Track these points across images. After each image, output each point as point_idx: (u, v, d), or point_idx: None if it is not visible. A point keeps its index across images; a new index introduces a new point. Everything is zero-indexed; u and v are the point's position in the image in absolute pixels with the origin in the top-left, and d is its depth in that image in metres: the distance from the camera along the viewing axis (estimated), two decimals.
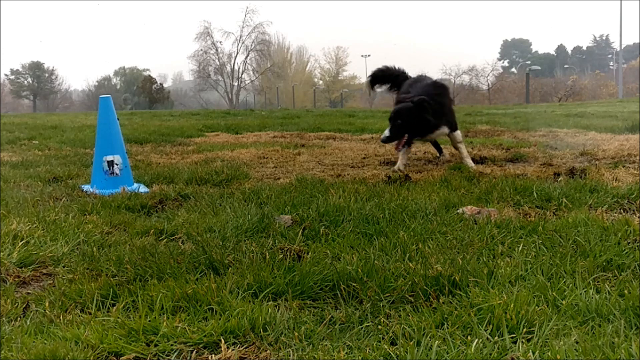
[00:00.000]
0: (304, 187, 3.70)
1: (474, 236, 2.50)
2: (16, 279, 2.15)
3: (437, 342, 1.56)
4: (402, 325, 1.67)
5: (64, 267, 2.28)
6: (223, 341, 1.62)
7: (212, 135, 9.33)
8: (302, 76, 64.13)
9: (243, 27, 56.49)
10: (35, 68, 61.48)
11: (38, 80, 61.53)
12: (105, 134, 3.99)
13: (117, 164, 3.94)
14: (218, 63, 57.48)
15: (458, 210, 2.98)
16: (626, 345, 1.52)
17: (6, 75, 61.52)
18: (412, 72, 5.74)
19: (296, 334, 1.64)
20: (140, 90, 57.51)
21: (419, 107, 4.63)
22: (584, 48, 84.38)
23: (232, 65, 57.97)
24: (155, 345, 1.61)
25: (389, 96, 5.40)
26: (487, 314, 1.70)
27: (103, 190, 3.80)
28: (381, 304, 1.83)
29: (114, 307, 1.83)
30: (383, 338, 1.63)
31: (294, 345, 1.60)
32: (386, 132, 4.75)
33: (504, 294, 1.82)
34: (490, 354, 1.52)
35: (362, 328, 1.69)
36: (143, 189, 3.91)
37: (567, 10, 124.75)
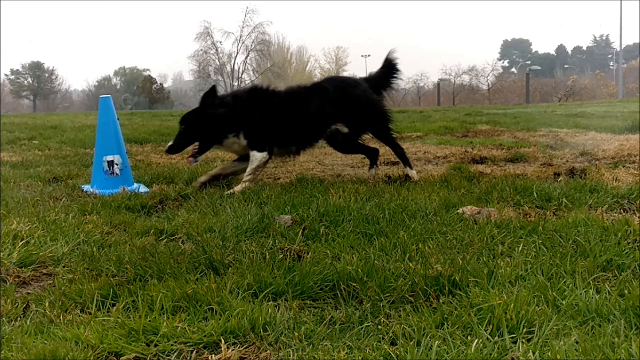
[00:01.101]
0: (304, 187, 3.70)
1: (474, 236, 2.50)
2: (16, 279, 2.15)
3: (437, 342, 1.55)
4: (402, 325, 1.67)
5: (64, 267, 2.27)
6: (223, 341, 1.61)
7: None
8: (302, 76, 64.04)
9: (243, 27, 56.43)
10: (35, 68, 61.43)
11: (38, 80, 61.48)
12: (105, 134, 3.99)
13: (117, 164, 3.95)
14: (218, 63, 57.44)
15: (458, 210, 2.98)
16: (626, 345, 1.52)
17: (6, 75, 61.51)
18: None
19: (296, 334, 1.64)
20: (140, 90, 57.42)
21: (202, 105, 3.93)
22: (584, 48, 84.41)
23: (232, 65, 57.93)
24: (155, 345, 1.61)
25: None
26: (487, 314, 1.70)
27: (103, 190, 3.80)
28: (381, 304, 1.83)
29: (114, 307, 1.83)
30: (383, 338, 1.63)
31: (294, 345, 1.60)
32: (171, 141, 4.01)
33: (504, 294, 1.82)
34: (490, 354, 1.52)
35: (362, 328, 1.69)
36: (143, 189, 3.91)
37: (567, 10, 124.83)
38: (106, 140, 3.98)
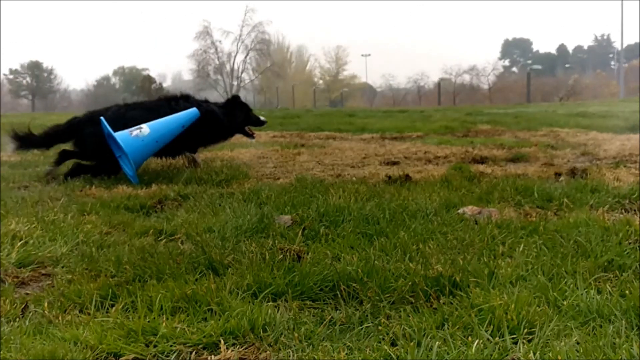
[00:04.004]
0: (304, 187, 3.69)
1: (475, 236, 2.49)
2: (15, 280, 2.15)
3: (437, 342, 1.55)
4: (403, 326, 1.66)
5: (62, 267, 2.27)
6: (222, 342, 1.61)
7: None
8: (302, 76, 64.06)
9: (243, 27, 56.43)
10: (34, 67, 61.42)
11: (37, 79, 61.46)
12: (165, 121, 4.41)
13: (140, 130, 4.24)
14: (217, 62, 57.46)
15: (459, 211, 2.97)
16: (627, 345, 1.51)
17: (5, 74, 61.50)
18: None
19: (296, 334, 1.63)
20: (139, 90, 57.32)
21: None
22: (585, 47, 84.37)
23: (231, 64, 57.94)
24: (155, 346, 1.61)
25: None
26: (487, 315, 1.69)
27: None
28: (381, 305, 1.82)
29: (113, 308, 1.82)
30: (383, 339, 1.62)
31: (294, 346, 1.59)
32: None
33: (504, 295, 1.82)
34: (491, 355, 1.51)
35: (362, 329, 1.68)
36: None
37: (567, 10, 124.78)
38: (157, 123, 4.38)
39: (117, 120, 4.39)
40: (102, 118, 4.26)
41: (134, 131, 4.21)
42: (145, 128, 4.23)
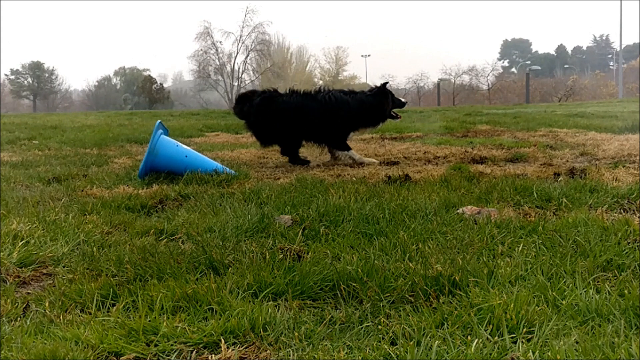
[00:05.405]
0: (304, 187, 3.70)
1: (474, 236, 2.50)
2: (16, 279, 2.15)
3: (437, 342, 1.55)
4: (402, 325, 1.67)
5: (64, 267, 2.28)
6: (223, 341, 1.62)
7: (212, 135, 9.35)
8: (302, 76, 63.97)
9: (243, 27, 56.35)
10: (35, 68, 61.38)
11: (38, 80, 61.42)
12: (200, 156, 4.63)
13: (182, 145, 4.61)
14: (218, 63, 57.35)
15: (458, 210, 2.98)
16: (626, 345, 1.52)
17: (6, 75, 61.44)
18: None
19: (296, 334, 1.64)
20: (140, 90, 57.23)
21: None
22: (584, 48, 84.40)
23: (232, 65, 57.85)
24: (155, 345, 1.61)
25: None
26: (487, 314, 1.70)
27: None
28: (381, 304, 1.83)
29: (114, 307, 1.83)
30: (383, 338, 1.63)
31: (294, 345, 1.60)
32: None
33: (504, 294, 1.82)
34: (490, 354, 1.52)
35: (362, 328, 1.69)
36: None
37: (567, 11, 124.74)
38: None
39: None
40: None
41: (179, 143, 4.59)
42: (187, 147, 4.64)
